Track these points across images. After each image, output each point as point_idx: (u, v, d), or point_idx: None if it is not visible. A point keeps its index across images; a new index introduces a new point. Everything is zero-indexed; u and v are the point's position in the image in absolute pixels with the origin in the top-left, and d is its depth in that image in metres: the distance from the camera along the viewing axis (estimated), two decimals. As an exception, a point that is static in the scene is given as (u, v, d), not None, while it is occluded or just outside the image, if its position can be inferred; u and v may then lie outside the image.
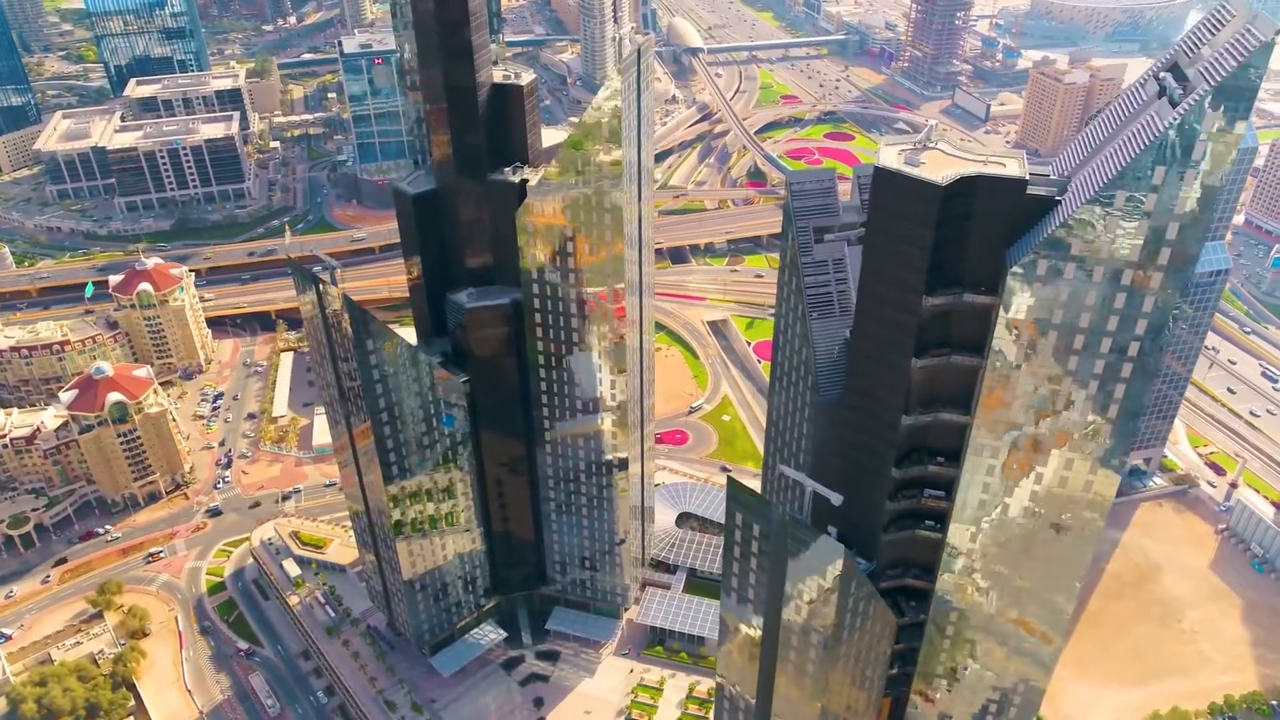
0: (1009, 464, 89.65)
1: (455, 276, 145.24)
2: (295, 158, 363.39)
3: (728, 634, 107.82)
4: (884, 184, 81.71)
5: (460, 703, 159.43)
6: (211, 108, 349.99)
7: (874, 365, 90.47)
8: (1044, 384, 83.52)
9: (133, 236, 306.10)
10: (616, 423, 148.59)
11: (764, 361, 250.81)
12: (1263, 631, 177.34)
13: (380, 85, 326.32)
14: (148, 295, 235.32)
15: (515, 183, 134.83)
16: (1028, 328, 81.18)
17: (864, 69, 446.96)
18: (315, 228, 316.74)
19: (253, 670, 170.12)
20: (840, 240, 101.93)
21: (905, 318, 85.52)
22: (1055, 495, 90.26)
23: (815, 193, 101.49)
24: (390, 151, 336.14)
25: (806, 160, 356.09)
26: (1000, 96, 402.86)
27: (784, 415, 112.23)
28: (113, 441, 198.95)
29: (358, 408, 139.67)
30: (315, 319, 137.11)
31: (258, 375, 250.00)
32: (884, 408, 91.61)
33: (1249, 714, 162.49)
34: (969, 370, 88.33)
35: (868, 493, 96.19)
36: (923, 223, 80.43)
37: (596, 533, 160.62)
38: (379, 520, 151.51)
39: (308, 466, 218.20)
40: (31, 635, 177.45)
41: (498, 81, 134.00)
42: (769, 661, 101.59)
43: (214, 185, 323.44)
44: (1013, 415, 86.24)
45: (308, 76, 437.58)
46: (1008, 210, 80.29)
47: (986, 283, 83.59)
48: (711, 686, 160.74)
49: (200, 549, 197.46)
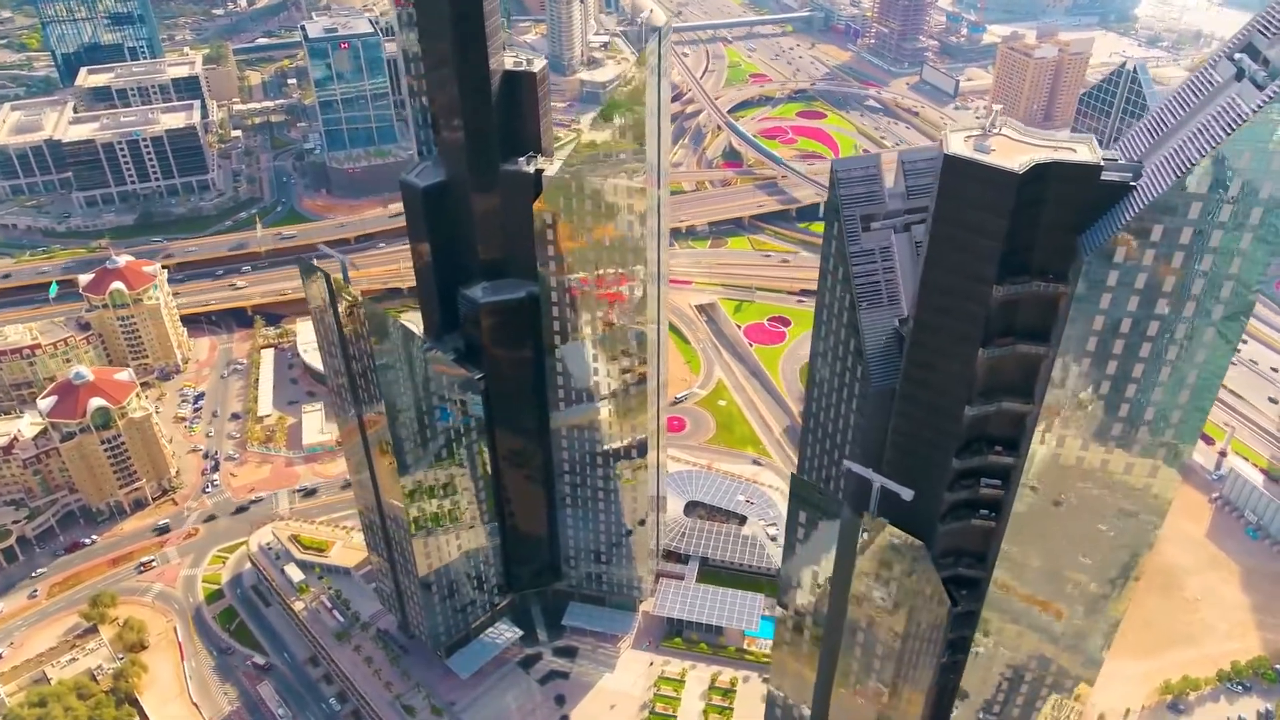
0: (1071, 453, 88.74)
1: (466, 270, 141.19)
2: (258, 147, 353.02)
3: (784, 641, 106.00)
4: (955, 172, 79.80)
5: (480, 704, 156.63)
6: (169, 96, 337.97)
7: (937, 356, 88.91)
8: (1115, 371, 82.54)
9: (95, 233, 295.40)
10: (635, 409, 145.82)
11: (755, 345, 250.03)
12: (1262, 597, 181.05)
13: (345, 70, 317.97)
14: (121, 294, 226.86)
15: (530, 173, 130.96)
16: (1101, 315, 79.99)
17: (830, 46, 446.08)
18: (285, 219, 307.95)
19: (260, 680, 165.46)
20: (887, 228, 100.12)
21: (973, 308, 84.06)
22: (1115, 486, 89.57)
23: (861, 180, 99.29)
24: (359, 139, 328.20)
25: (781, 140, 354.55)
26: (967, 72, 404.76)
27: (825, 408, 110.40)
28: (96, 448, 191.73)
29: (371, 406, 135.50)
30: (326, 316, 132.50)
31: (238, 374, 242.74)
32: (947, 398, 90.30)
33: (1256, 679, 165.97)
34: (1032, 358, 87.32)
35: (926, 483, 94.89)
36: (997, 211, 78.80)
37: (613, 524, 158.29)
38: (393, 520, 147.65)
39: (299, 466, 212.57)
40: (23, 653, 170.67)
41: (508, 68, 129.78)
42: (828, 665, 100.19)
43: (177, 177, 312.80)
44: (1080, 404, 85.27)
45: (264, 62, 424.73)
46: (1079, 196, 78.92)
47: (1054, 270, 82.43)
48: (734, 676, 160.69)
49: (194, 556, 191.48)
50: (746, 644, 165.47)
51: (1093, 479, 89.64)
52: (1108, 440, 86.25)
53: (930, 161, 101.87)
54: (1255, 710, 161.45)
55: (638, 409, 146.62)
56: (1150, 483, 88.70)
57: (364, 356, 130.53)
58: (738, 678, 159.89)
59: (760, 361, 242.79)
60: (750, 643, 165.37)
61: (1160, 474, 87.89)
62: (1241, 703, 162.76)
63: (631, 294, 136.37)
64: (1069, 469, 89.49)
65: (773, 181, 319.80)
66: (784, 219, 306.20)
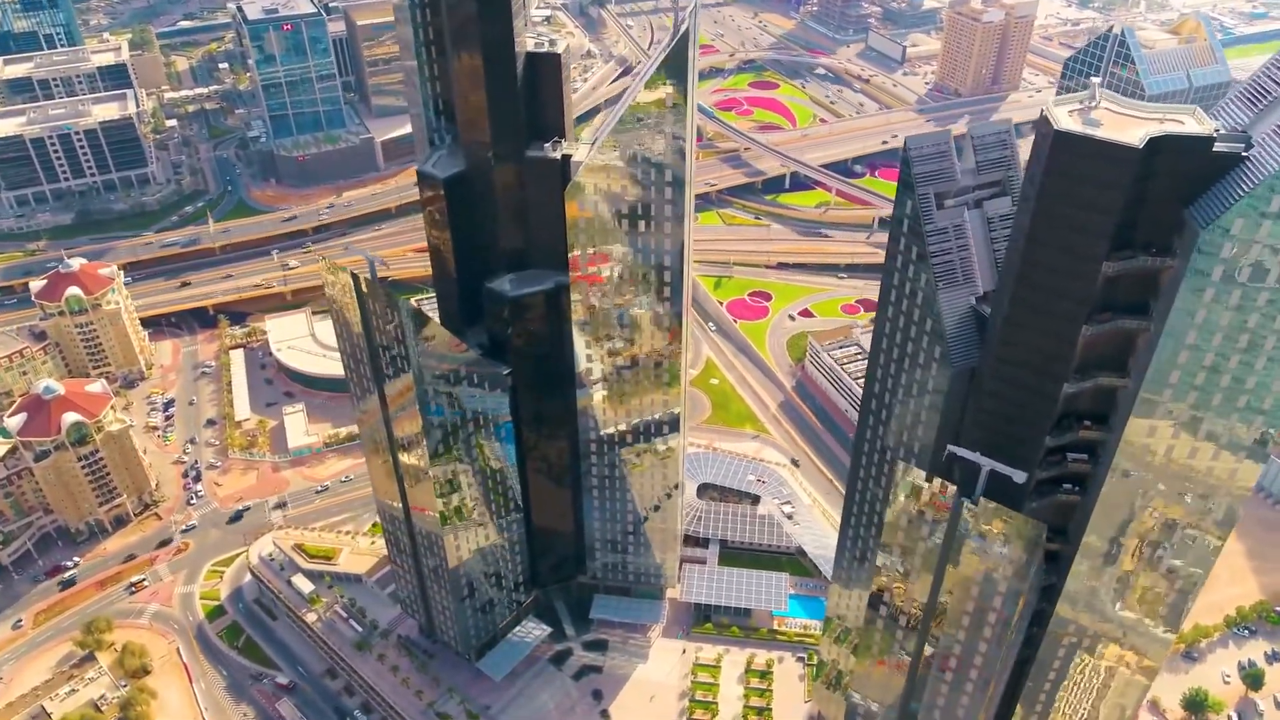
0: (1165, 429, 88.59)
1: (486, 262, 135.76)
2: (195, 136, 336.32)
3: (870, 648, 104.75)
4: (1067, 149, 78.16)
5: (517, 705, 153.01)
6: (95, 86, 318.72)
7: (1037, 334, 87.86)
8: (1221, 344, 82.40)
9: (30, 234, 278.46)
10: (666, 384, 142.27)
11: (739, 321, 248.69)
12: (1255, 543, 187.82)
13: (288, 53, 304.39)
14: (78, 300, 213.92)
15: (556, 158, 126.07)
16: (1212, 287, 79.66)
17: (773, 15, 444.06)
18: (235, 211, 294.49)
19: (279, 697, 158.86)
20: (960, 205, 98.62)
21: (1080, 285, 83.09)
22: (1200, 466, 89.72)
23: (933, 156, 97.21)
24: (306, 124, 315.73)
25: (736, 111, 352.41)
26: (911, 37, 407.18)
27: (891, 389, 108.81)
28: (73, 466, 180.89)
29: (401, 408, 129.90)
30: (351, 313, 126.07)
31: (207, 377, 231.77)
32: (1044, 376, 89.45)
33: (1260, 623, 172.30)
34: (1128, 333, 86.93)
35: (1017, 462, 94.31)
36: (1113, 187, 77.68)
37: (638, 510, 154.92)
38: (420, 520, 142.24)
39: (286, 471, 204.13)
40: (16, 688, 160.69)
41: (530, 50, 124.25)
42: (919, 661, 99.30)
43: (114, 172, 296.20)
44: (1182, 377, 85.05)
45: (189, 46, 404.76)
46: (1191, 168, 78.18)
47: (1158, 243, 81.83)
48: (769, 658, 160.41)
49: (187, 572, 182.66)
50: (776, 624, 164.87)
51: (1183, 455, 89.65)
52: (1207, 410, 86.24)
53: (1000, 136, 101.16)
54: (1263, 652, 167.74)
55: (669, 383, 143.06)
56: (1237, 468, 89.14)
57: (394, 356, 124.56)
58: (773, 659, 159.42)
59: (747, 338, 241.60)
60: (780, 623, 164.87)
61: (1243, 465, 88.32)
62: (1249, 646, 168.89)
63: (660, 271, 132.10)
64: (1161, 442, 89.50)
65: (735, 154, 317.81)
66: (750, 192, 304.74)
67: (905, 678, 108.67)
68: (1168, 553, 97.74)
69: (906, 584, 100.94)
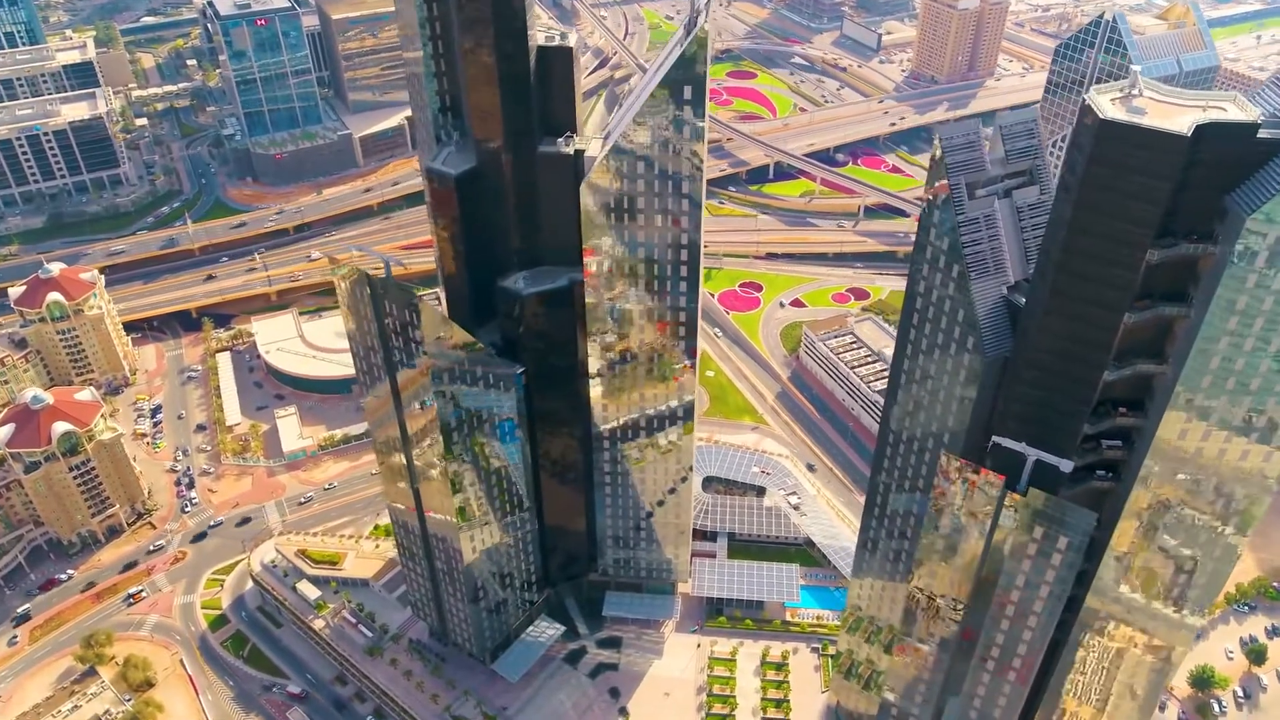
0: (1202, 415, 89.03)
1: (497, 260, 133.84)
2: (166, 135, 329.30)
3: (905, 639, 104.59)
4: (1113, 137, 78.18)
5: (534, 705, 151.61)
6: (61, 85, 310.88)
7: (1078, 322, 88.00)
8: (1263, 330, 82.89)
9: (0, 238, 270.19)
10: (677, 373, 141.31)
11: (731, 312, 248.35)
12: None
13: (261, 48, 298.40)
14: (60, 305, 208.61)
15: (569, 154, 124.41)
16: (1255, 274, 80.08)
17: (747, 4, 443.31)
18: (212, 211, 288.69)
19: (289, 705, 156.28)
20: (990, 195, 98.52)
21: (1123, 273, 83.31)
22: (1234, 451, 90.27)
23: (963, 146, 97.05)
24: (282, 121, 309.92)
25: (716, 101, 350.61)
26: (885, 25, 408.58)
27: (921, 380, 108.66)
28: (64, 477, 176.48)
29: (415, 408, 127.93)
30: (365, 313, 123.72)
31: (194, 381, 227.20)
32: (1083, 364, 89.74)
33: (1259, 599, 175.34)
34: (1167, 320, 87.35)
35: (1052, 449, 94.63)
36: (1160, 175, 77.84)
37: (649, 504, 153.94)
38: (434, 522, 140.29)
39: (282, 476, 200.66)
40: (16, 706, 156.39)
41: (541, 44, 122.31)
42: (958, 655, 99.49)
43: (85, 173, 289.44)
44: (1221, 364, 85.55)
45: (155, 43, 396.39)
46: (1234, 156, 78.52)
47: (1200, 230, 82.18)
48: (784, 649, 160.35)
49: (186, 581, 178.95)
50: (789, 615, 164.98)
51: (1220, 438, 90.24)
52: (1245, 395, 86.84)
53: (1028, 125, 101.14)
54: (1263, 627, 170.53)
55: (681, 373, 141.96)
56: (1272, 455, 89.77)
57: (409, 356, 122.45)
58: (788, 650, 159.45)
59: (740, 329, 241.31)
60: (793, 614, 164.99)
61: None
62: (1250, 622, 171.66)
63: (676, 265, 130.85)
64: (1198, 428, 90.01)
65: (718, 144, 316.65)
66: (735, 182, 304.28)
67: (941, 670, 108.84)
68: (1199, 538, 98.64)
69: (948, 575, 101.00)
